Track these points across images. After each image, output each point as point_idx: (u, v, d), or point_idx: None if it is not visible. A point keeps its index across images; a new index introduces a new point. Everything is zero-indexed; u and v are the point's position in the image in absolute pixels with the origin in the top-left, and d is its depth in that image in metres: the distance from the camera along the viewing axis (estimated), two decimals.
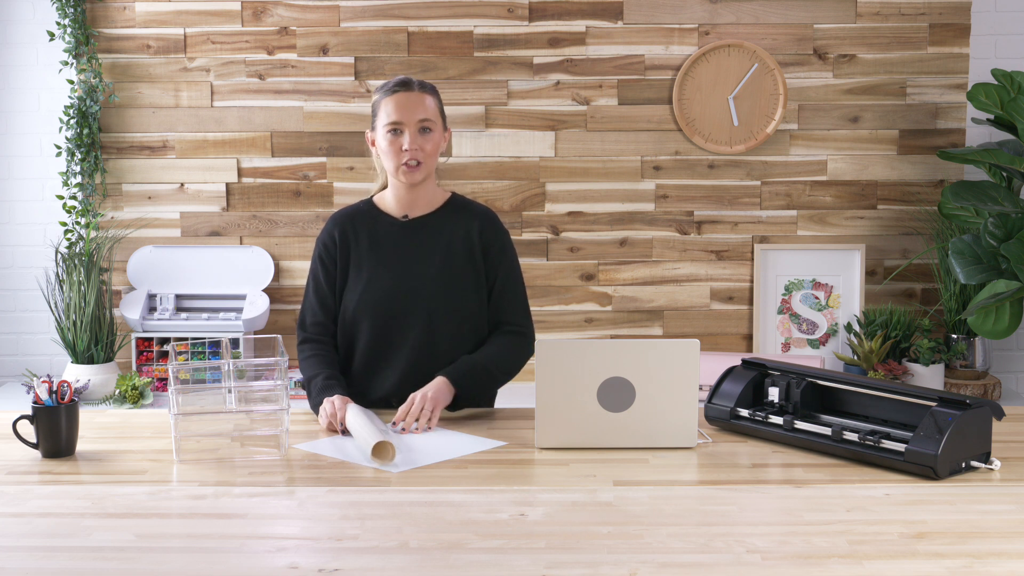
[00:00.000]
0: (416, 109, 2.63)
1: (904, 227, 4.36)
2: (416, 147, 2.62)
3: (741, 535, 1.82)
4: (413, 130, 2.62)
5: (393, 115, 2.62)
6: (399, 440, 2.34)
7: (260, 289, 4.29)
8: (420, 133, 2.63)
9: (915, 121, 4.30)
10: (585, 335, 4.38)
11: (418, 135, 2.63)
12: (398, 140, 2.63)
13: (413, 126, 2.62)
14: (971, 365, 4.20)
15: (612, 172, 4.32)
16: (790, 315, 4.36)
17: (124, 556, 1.75)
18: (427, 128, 2.64)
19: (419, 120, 2.63)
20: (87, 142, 4.18)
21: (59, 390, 2.25)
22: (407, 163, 2.63)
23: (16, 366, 4.42)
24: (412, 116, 2.62)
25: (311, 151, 4.32)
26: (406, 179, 2.66)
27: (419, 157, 2.63)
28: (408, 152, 2.62)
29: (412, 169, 2.64)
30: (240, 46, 4.28)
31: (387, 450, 2.20)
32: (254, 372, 2.47)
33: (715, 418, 2.43)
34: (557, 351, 2.27)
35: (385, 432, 2.27)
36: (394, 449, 2.21)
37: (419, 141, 2.63)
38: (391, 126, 2.63)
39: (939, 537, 1.82)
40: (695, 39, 4.27)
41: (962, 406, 2.12)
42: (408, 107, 2.62)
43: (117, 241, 4.30)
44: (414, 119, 2.62)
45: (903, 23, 4.27)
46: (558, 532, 1.84)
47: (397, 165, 2.65)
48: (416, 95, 2.64)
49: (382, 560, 1.73)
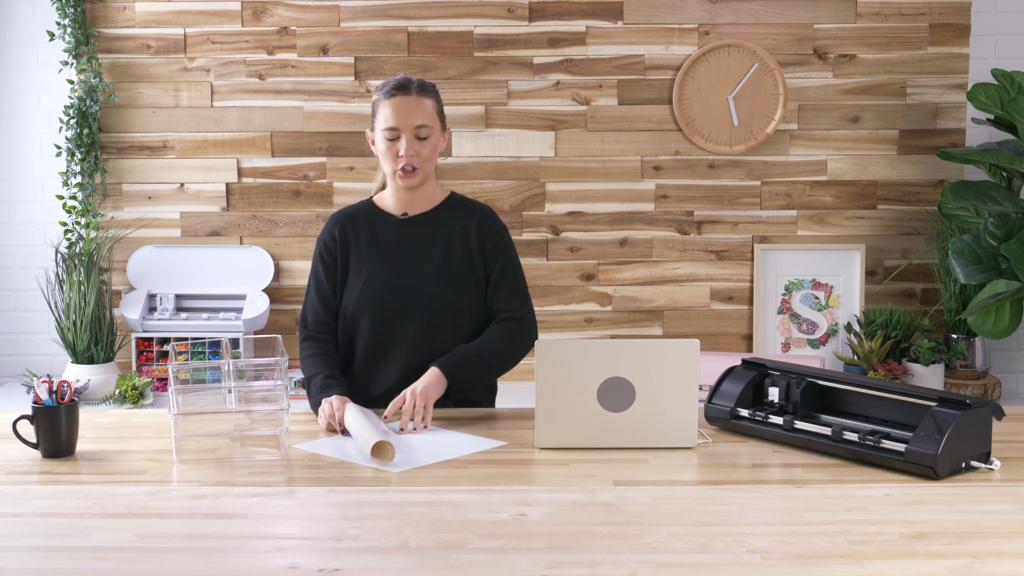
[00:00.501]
0: (413, 114, 2.62)
1: (904, 227, 4.36)
2: (412, 153, 2.62)
3: (741, 535, 1.82)
4: (409, 136, 2.62)
5: (390, 120, 2.62)
6: (399, 440, 2.35)
7: (260, 289, 4.29)
8: (416, 139, 2.63)
9: (915, 121, 4.30)
10: (585, 335, 4.38)
11: (414, 141, 2.63)
12: (395, 146, 2.63)
13: (409, 132, 2.62)
14: (971, 365, 4.20)
15: (612, 172, 4.32)
16: (790, 315, 4.36)
17: (124, 556, 1.75)
18: (424, 135, 2.63)
19: (415, 126, 2.62)
20: (87, 142, 4.19)
21: (59, 390, 2.25)
22: (403, 169, 2.64)
23: (16, 366, 4.42)
24: (409, 122, 2.62)
25: (311, 151, 4.32)
26: (403, 184, 2.66)
27: (415, 163, 2.63)
28: (404, 159, 2.62)
29: (408, 175, 2.64)
30: (240, 46, 4.28)
31: (387, 450, 2.21)
32: (254, 372, 2.47)
33: (715, 418, 2.43)
34: (557, 351, 2.27)
35: (385, 432, 2.27)
36: (393, 449, 2.21)
37: (415, 147, 2.62)
38: (388, 131, 2.63)
39: (939, 537, 1.82)
40: (695, 39, 4.27)
41: (962, 406, 2.12)
42: (405, 113, 2.62)
43: (117, 241, 4.30)
44: (410, 125, 2.62)
45: (903, 23, 4.27)
46: (558, 532, 1.84)
47: (394, 170, 2.65)
48: (414, 99, 2.63)
49: (382, 560, 1.73)
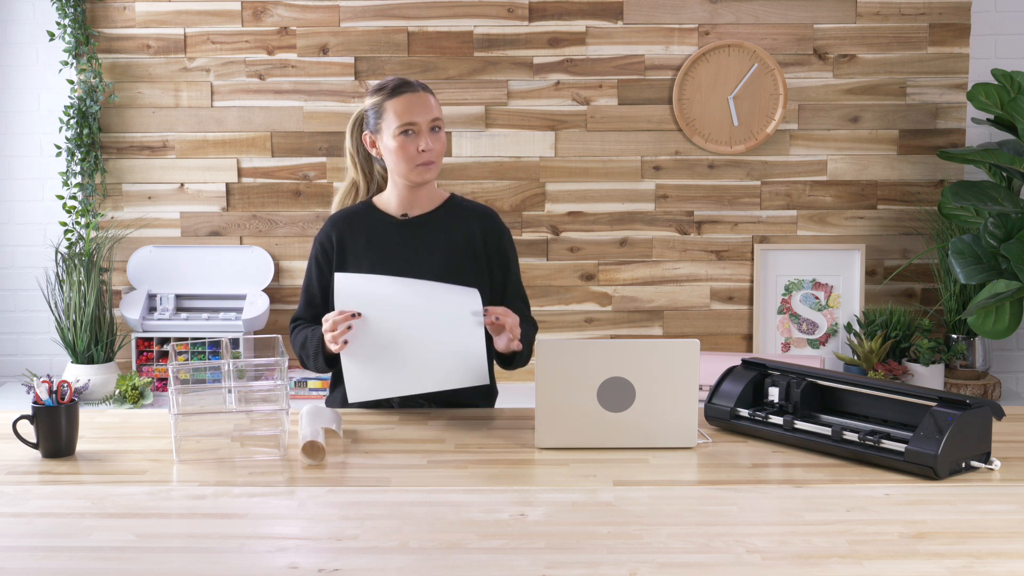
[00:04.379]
0: (428, 109, 2.63)
1: (904, 227, 4.36)
2: (431, 147, 2.63)
3: (741, 535, 1.82)
4: (427, 130, 2.63)
5: (406, 116, 2.62)
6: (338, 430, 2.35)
7: (260, 289, 4.29)
8: (432, 132, 2.64)
9: (915, 121, 4.31)
10: (585, 335, 4.38)
11: (430, 135, 2.64)
12: (413, 141, 2.62)
13: (426, 126, 2.63)
14: (971, 365, 4.20)
15: (612, 172, 4.32)
16: (790, 315, 4.36)
17: (124, 556, 1.75)
18: (438, 127, 2.65)
19: (432, 120, 2.63)
20: (87, 142, 4.19)
21: (59, 390, 2.25)
22: (424, 163, 2.64)
23: (16, 366, 4.42)
24: (426, 116, 2.63)
25: (311, 151, 4.32)
26: (420, 178, 2.66)
27: (432, 157, 2.64)
28: (426, 153, 2.63)
29: (428, 168, 2.65)
30: (240, 46, 4.28)
31: (317, 450, 2.22)
32: (254, 372, 2.47)
33: (715, 418, 2.43)
34: (557, 351, 2.27)
35: (317, 433, 2.26)
36: (324, 450, 2.22)
37: (432, 141, 2.64)
38: (405, 127, 2.62)
39: (939, 537, 1.82)
40: (695, 39, 4.27)
41: (962, 406, 2.12)
42: (420, 107, 2.63)
43: (117, 241, 4.30)
44: (427, 119, 2.63)
45: (903, 23, 4.27)
46: (558, 532, 1.84)
47: (412, 166, 2.64)
48: (423, 95, 2.65)
49: (382, 560, 1.73)
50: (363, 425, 2.48)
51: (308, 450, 2.21)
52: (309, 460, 2.21)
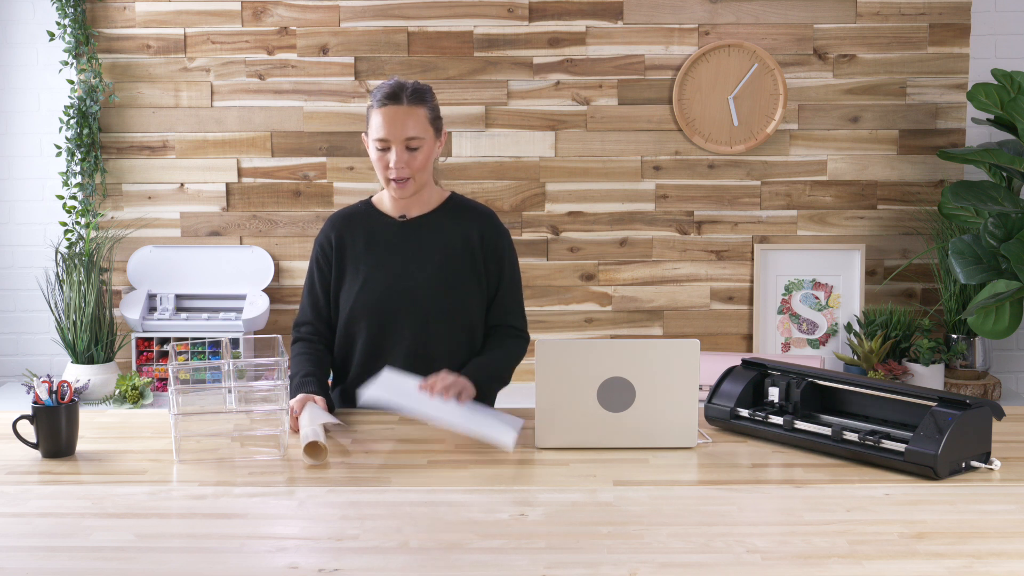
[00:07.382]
0: (405, 126, 2.57)
1: (904, 227, 4.36)
2: (402, 165, 2.58)
3: (741, 535, 1.82)
4: (399, 147, 2.57)
5: (380, 131, 2.58)
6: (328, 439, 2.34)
7: (260, 289, 4.29)
8: (407, 150, 2.59)
9: (915, 121, 4.31)
10: (585, 335, 4.38)
11: (404, 152, 2.58)
12: (385, 156, 2.60)
13: (399, 143, 2.57)
14: (971, 365, 4.20)
15: (612, 172, 4.32)
16: (790, 315, 4.36)
17: (124, 556, 1.75)
18: (414, 146, 2.59)
19: (405, 138, 2.57)
20: (87, 142, 4.19)
21: (59, 390, 2.25)
22: (395, 179, 2.61)
23: (16, 366, 4.42)
24: (399, 134, 2.57)
25: (311, 151, 4.32)
26: (396, 193, 2.64)
27: (405, 175, 2.59)
28: (394, 170, 2.59)
29: (401, 185, 2.61)
30: (240, 46, 4.28)
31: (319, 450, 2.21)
32: (254, 372, 2.47)
33: (715, 418, 2.43)
34: (557, 351, 2.27)
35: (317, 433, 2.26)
36: (326, 450, 2.22)
37: (405, 158, 2.58)
38: (378, 142, 2.59)
39: (939, 537, 1.82)
40: (695, 39, 4.27)
41: (962, 406, 2.12)
42: (395, 124, 2.57)
43: (117, 241, 4.30)
44: (400, 137, 2.57)
45: (903, 23, 4.27)
46: (558, 532, 1.84)
47: (386, 180, 2.63)
48: (404, 109, 2.57)
49: (382, 560, 1.73)
50: (363, 425, 2.48)
51: (310, 450, 2.21)
52: (312, 460, 2.21)
